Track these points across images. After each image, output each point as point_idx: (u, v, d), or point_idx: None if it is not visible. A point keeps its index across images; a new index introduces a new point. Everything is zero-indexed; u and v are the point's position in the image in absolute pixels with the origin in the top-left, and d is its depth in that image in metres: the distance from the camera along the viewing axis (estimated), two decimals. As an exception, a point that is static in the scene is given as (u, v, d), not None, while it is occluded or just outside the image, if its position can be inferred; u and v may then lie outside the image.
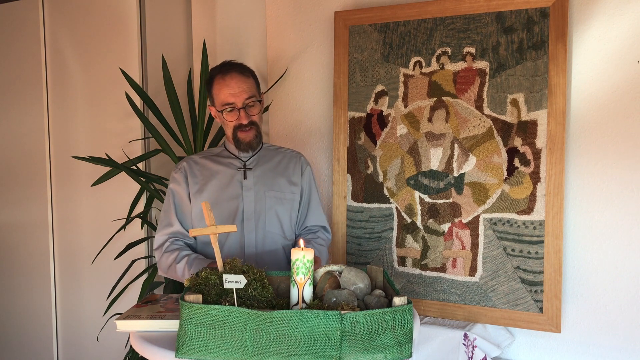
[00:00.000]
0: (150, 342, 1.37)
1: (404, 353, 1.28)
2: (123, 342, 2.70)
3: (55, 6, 2.83)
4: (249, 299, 1.36)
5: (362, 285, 1.44)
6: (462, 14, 2.07)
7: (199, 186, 1.85)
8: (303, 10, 2.49)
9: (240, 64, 1.83)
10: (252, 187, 1.86)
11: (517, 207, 1.99)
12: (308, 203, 1.95)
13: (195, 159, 1.92)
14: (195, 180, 1.86)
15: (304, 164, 1.97)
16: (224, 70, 1.80)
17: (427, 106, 2.14)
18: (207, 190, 1.84)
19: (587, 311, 2.00)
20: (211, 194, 1.84)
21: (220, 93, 1.78)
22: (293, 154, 1.98)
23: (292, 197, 1.90)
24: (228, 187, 1.85)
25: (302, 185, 1.93)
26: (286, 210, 1.88)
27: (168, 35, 2.75)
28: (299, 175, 1.93)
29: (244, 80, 1.78)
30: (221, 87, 1.78)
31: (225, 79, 1.78)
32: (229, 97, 1.76)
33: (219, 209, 1.83)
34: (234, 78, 1.77)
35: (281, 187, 1.88)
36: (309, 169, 1.97)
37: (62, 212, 2.90)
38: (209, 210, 1.45)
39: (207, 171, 1.87)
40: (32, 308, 3.01)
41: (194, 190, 1.84)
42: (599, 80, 1.95)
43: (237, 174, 1.87)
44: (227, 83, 1.77)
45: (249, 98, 1.78)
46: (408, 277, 2.17)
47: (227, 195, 1.84)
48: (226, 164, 1.89)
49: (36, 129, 2.92)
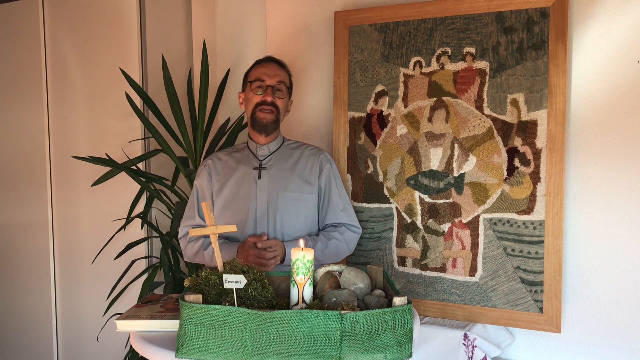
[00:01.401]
0: (150, 342, 1.37)
1: (404, 353, 1.28)
2: (123, 342, 2.70)
3: (55, 6, 2.83)
4: (249, 299, 1.36)
5: (362, 285, 1.44)
6: (462, 14, 2.07)
7: (220, 183, 1.92)
8: (303, 11, 2.49)
9: (282, 62, 1.98)
10: (265, 187, 1.88)
11: (517, 207, 1.99)
12: (328, 201, 1.95)
13: (219, 156, 1.99)
14: (218, 178, 1.93)
15: (323, 161, 1.96)
16: (266, 59, 1.97)
17: (427, 106, 2.14)
18: (226, 188, 1.91)
19: (587, 311, 2.00)
20: (229, 191, 1.90)
21: (255, 71, 1.92)
22: (312, 152, 1.98)
23: (307, 197, 1.90)
24: (243, 186, 1.90)
25: (319, 184, 1.93)
26: (301, 210, 1.89)
27: (168, 35, 2.75)
28: (316, 174, 1.94)
29: (280, 69, 1.93)
30: (259, 67, 1.93)
31: (265, 63, 1.94)
32: (262, 74, 1.89)
33: (233, 207, 1.87)
34: (273, 65, 1.93)
35: (296, 187, 1.89)
36: (329, 166, 1.97)
37: (62, 212, 2.90)
38: (209, 211, 1.46)
39: (228, 169, 1.94)
40: (32, 308, 3.01)
41: (216, 188, 1.92)
42: (599, 80, 1.95)
43: (253, 173, 1.91)
44: (266, 66, 1.92)
45: (280, 82, 1.90)
46: (408, 277, 2.17)
47: (241, 194, 1.88)
48: (245, 161, 1.94)
49: (36, 129, 2.92)
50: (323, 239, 1.89)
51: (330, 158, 2.00)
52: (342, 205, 1.96)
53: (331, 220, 1.95)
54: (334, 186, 1.96)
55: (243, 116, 2.49)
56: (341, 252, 1.93)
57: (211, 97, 2.47)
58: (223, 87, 2.45)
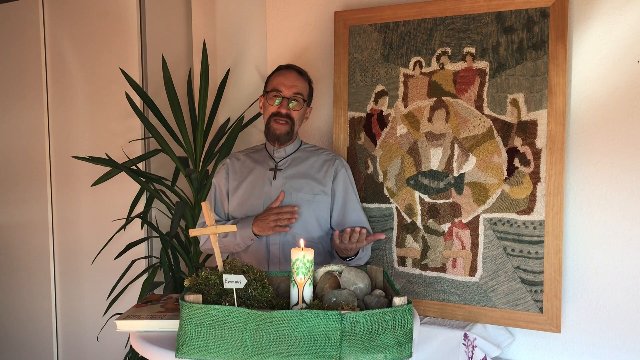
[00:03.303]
0: (150, 342, 1.37)
1: (404, 353, 1.28)
2: (123, 342, 2.70)
3: (55, 6, 2.83)
4: (249, 299, 1.36)
5: (362, 285, 1.44)
6: (462, 14, 2.07)
7: (237, 183, 1.96)
8: (303, 11, 2.49)
9: (302, 69, 2.00)
10: (279, 188, 1.91)
11: (517, 207, 1.99)
12: (344, 205, 1.96)
13: (238, 156, 2.04)
14: (235, 177, 1.97)
15: (339, 166, 1.99)
16: (288, 66, 1.99)
17: (427, 106, 2.14)
18: (242, 187, 1.95)
19: (587, 311, 2.00)
20: (245, 191, 1.94)
21: (274, 80, 1.95)
22: (329, 157, 2.01)
23: (321, 200, 1.92)
24: (258, 185, 1.93)
25: (333, 189, 1.96)
26: (313, 212, 1.90)
27: (168, 35, 2.75)
28: (330, 179, 1.96)
29: (299, 79, 1.95)
30: (277, 76, 1.95)
31: (285, 72, 1.96)
32: (279, 84, 1.92)
33: (248, 207, 1.91)
34: (292, 73, 1.96)
35: (310, 189, 1.92)
36: (344, 172, 1.99)
37: (62, 212, 2.90)
38: (209, 211, 1.46)
39: (245, 168, 1.98)
40: (32, 308, 3.01)
41: (233, 187, 1.96)
42: (599, 80, 1.95)
43: (268, 174, 1.94)
44: (285, 74, 1.95)
45: (297, 94, 1.92)
46: (408, 277, 2.17)
47: (256, 194, 1.92)
48: (262, 162, 1.98)
49: (36, 128, 2.92)
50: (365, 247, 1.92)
51: (346, 164, 2.03)
52: (360, 208, 2.00)
53: (355, 223, 1.95)
54: (350, 191, 1.99)
55: (243, 116, 2.49)
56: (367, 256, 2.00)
57: (211, 97, 2.47)
58: (223, 87, 2.45)
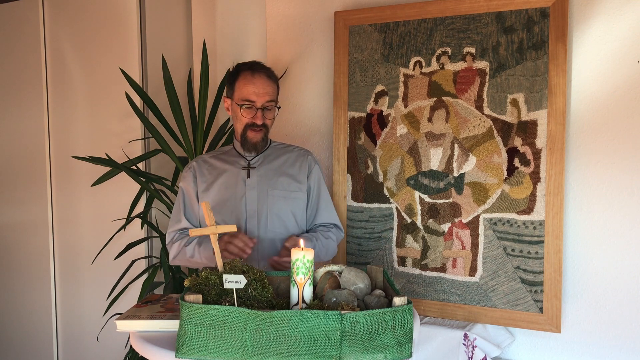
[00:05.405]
0: (150, 342, 1.37)
1: (404, 353, 1.28)
2: (123, 342, 2.70)
3: (55, 6, 2.83)
4: (249, 299, 1.36)
5: (362, 285, 1.44)
6: (462, 14, 2.07)
7: (206, 185, 1.89)
8: (303, 11, 2.49)
9: (269, 68, 1.89)
10: (255, 186, 1.88)
11: (517, 207, 1.99)
12: (317, 201, 1.95)
13: (205, 158, 1.96)
14: (203, 179, 1.91)
15: (312, 162, 1.97)
16: (254, 68, 1.85)
17: (427, 106, 2.14)
18: (213, 189, 1.88)
19: (587, 311, 2.00)
20: (217, 192, 1.88)
21: (244, 88, 1.82)
22: (301, 153, 1.99)
23: (296, 196, 1.90)
24: (232, 186, 1.88)
25: (309, 184, 1.94)
26: (290, 208, 1.89)
27: (168, 35, 2.75)
28: (305, 174, 1.94)
29: (269, 84, 1.84)
30: (247, 83, 1.82)
31: (253, 77, 1.83)
32: (251, 94, 1.81)
33: (223, 208, 1.86)
34: (261, 78, 1.83)
35: (285, 186, 1.89)
36: (317, 167, 1.98)
37: (62, 212, 2.90)
38: (209, 211, 1.46)
39: (215, 170, 1.92)
40: (32, 308, 3.01)
41: (202, 189, 1.89)
42: (599, 80, 1.95)
43: (241, 173, 1.90)
44: (254, 81, 1.82)
45: (269, 102, 1.84)
46: (408, 277, 2.17)
47: (231, 194, 1.87)
48: (232, 162, 1.92)
49: (36, 129, 2.92)
50: (322, 239, 1.89)
51: (317, 160, 2.01)
52: (332, 205, 1.99)
53: (325, 220, 1.96)
54: (323, 187, 1.98)
55: (243, 116, 2.49)
56: (331, 252, 1.95)
57: (211, 97, 2.47)
58: (223, 87, 2.45)
